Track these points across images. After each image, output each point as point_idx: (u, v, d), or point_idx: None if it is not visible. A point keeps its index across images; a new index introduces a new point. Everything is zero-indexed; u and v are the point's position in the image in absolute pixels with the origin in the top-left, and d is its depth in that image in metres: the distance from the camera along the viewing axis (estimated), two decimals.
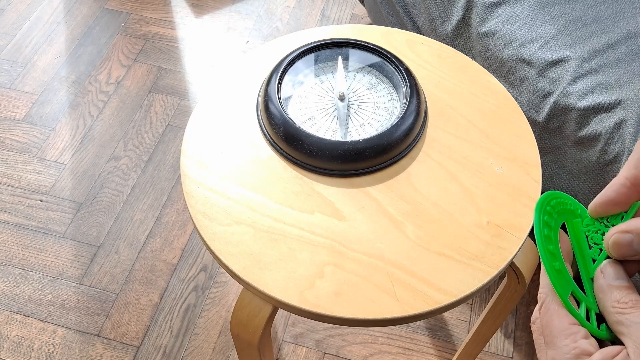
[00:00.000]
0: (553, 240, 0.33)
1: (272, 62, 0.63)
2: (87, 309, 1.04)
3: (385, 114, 0.58)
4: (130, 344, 1.01)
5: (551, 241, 0.32)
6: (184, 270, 1.09)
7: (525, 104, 0.83)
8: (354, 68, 0.62)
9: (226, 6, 1.56)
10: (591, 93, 0.76)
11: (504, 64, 0.86)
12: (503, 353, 1.01)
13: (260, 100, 0.58)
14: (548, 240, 0.32)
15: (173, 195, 1.19)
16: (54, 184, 1.20)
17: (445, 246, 0.50)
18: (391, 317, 0.47)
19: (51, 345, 1.00)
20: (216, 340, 1.01)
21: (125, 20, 1.51)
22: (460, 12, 0.94)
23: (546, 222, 0.33)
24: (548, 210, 0.33)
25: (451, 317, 1.04)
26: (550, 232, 0.33)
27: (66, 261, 1.10)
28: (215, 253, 0.50)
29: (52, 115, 1.31)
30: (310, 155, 0.54)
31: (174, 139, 1.28)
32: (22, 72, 1.40)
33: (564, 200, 0.34)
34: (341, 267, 0.49)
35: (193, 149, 0.56)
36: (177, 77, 1.39)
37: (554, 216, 0.33)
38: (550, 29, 0.83)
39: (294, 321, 1.03)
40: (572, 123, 0.78)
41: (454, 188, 0.53)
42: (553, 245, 0.32)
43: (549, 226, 0.33)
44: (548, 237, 0.32)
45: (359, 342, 1.01)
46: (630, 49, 0.79)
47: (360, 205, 0.52)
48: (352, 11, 1.54)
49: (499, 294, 0.64)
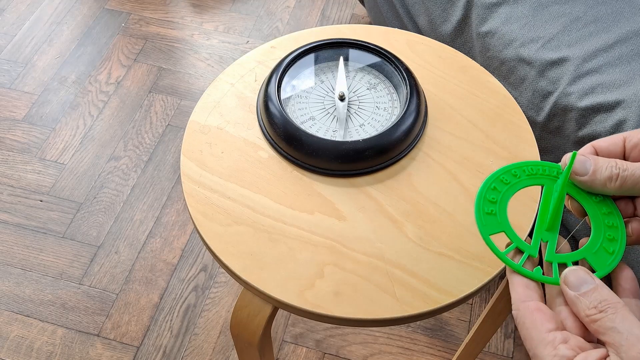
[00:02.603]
0: (498, 210, 0.38)
1: (272, 62, 0.63)
2: (87, 309, 1.04)
3: (385, 114, 0.58)
4: (130, 344, 1.01)
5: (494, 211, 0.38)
6: (184, 270, 1.09)
7: (525, 104, 0.83)
8: (354, 68, 0.62)
9: (226, 6, 1.56)
10: (591, 93, 0.76)
11: (504, 64, 0.86)
12: (503, 353, 1.01)
13: (260, 100, 0.58)
14: (488, 206, 0.38)
15: (173, 195, 1.19)
16: (54, 184, 1.20)
17: (445, 246, 0.50)
18: (391, 317, 0.47)
19: (51, 345, 1.00)
20: (216, 340, 1.01)
21: (125, 20, 1.51)
22: (460, 12, 0.94)
23: (490, 200, 0.38)
24: (494, 186, 0.38)
25: (451, 317, 1.04)
26: (495, 206, 0.38)
27: (66, 261, 1.10)
28: (215, 253, 0.50)
29: (52, 115, 1.31)
30: (310, 156, 0.54)
31: (174, 139, 1.28)
32: (22, 72, 1.40)
33: (535, 167, 0.39)
34: (341, 267, 0.49)
35: (193, 149, 0.56)
36: (177, 77, 1.39)
37: (503, 188, 0.38)
38: (550, 29, 0.83)
39: (294, 321, 1.03)
40: (572, 123, 0.78)
41: (454, 188, 0.53)
42: (496, 209, 0.38)
43: (493, 202, 0.38)
44: (491, 207, 0.38)
45: (359, 342, 1.01)
46: (630, 49, 0.79)
47: (360, 205, 0.52)
48: (352, 11, 1.54)
49: (499, 294, 0.64)
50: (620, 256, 0.35)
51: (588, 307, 0.31)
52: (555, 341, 0.30)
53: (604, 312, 0.30)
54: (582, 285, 0.32)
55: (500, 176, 0.38)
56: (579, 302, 0.31)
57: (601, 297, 0.31)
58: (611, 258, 0.35)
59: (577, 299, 0.31)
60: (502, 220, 0.37)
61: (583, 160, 0.36)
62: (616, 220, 0.36)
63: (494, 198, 0.38)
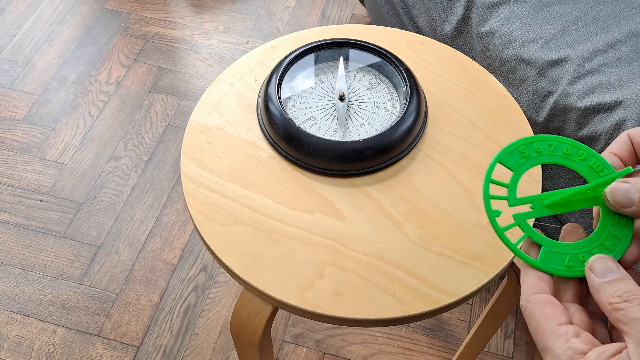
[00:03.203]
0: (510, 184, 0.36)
1: (272, 62, 0.63)
2: (87, 309, 1.04)
3: (385, 114, 0.58)
4: (130, 344, 1.01)
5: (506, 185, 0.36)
6: (184, 270, 1.09)
7: (526, 104, 0.83)
8: (354, 68, 0.62)
9: (226, 6, 1.56)
10: (591, 93, 0.76)
11: (504, 64, 0.86)
12: (503, 353, 1.01)
13: (260, 100, 0.58)
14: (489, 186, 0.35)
15: (173, 195, 1.19)
16: (54, 184, 1.20)
17: (445, 246, 0.50)
18: (391, 317, 0.47)
19: (51, 345, 1.00)
20: (216, 340, 1.01)
21: (125, 20, 1.51)
22: (460, 12, 0.94)
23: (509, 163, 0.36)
24: (521, 150, 0.37)
25: (451, 317, 1.04)
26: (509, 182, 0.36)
27: (66, 261, 1.10)
28: (215, 253, 0.50)
29: (52, 115, 1.31)
30: (310, 156, 0.54)
31: (174, 139, 1.28)
32: (22, 72, 1.40)
33: (554, 142, 0.37)
34: (341, 267, 0.49)
35: (193, 149, 0.56)
36: (177, 77, 1.39)
37: (523, 159, 0.37)
38: (550, 29, 0.83)
39: (294, 321, 1.03)
40: (572, 123, 0.78)
41: (454, 188, 0.53)
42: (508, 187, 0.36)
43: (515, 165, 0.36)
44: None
45: (359, 342, 1.01)
46: (630, 49, 0.79)
47: (360, 205, 0.52)
48: (352, 11, 1.54)
49: (499, 294, 0.64)
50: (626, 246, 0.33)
51: (612, 295, 0.30)
52: (567, 334, 0.30)
53: (629, 302, 0.29)
54: (608, 273, 0.31)
55: (516, 148, 0.37)
56: (603, 289, 0.30)
57: (627, 288, 0.30)
58: (620, 244, 0.33)
59: (601, 286, 0.31)
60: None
61: (626, 190, 0.32)
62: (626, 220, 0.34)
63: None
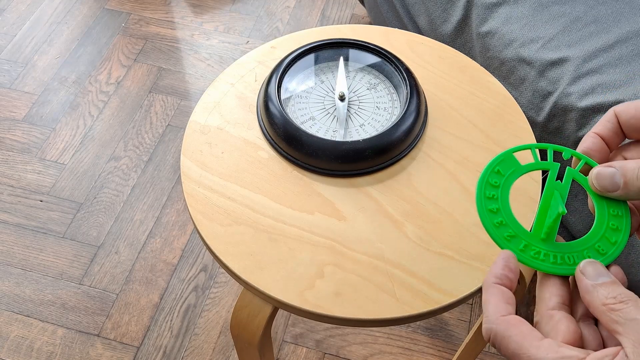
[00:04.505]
0: (499, 196, 0.36)
1: (272, 62, 0.63)
2: (87, 309, 1.04)
3: (385, 114, 0.58)
4: (130, 344, 1.01)
5: (496, 200, 0.36)
6: (184, 270, 1.09)
7: (526, 104, 0.83)
8: (354, 68, 0.62)
9: (226, 6, 1.56)
10: (591, 93, 0.76)
11: (504, 64, 0.86)
12: None
13: (260, 100, 0.58)
14: (491, 194, 0.36)
15: (173, 195, 1.19)
16: (54, 184, 1.20)
17: (445, 246, 0.50)
18: (391, 317, 0.47)
19: (51, 346, 1.00)
20: (216, 340, 1.01)
21: (125, 20, 1.51)
22: (460, 12, 0.94)
23: (492, 183, 0.36)
24: (497, 170, 0.36)
25: (451, 317, 1.04)
26: (497, 190, 0.36)
27: (66, 261, 1.10)
28: (215, 253, 0.50)
29: (52, 115, 1.31)
30: (310, 156, 0.54)
31: (174, 139, 1.28)
32: (22, 72, 1.40)
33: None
34: (341, 267, 0.49)
35: (193, 149, 0.56)
36: (177, 77, 1.39)
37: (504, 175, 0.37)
38: (550, 29, 0.83)
39: (294, 321, 1.03)
40: (572, 123, 0.78)
41: (454, 188, 0.54)
42: (497, 195, 0.36)
43: (495, 186, 0.36)
44: (492, 195, 0.36)
45: (359, 342, 1.01)
46: (630, 49, 0.79)
47: (360, 205, 0.52)
48: (352, 11, 1.54)
49: None
50: (623, 246, 0.34)
51: (606, 296, 0.30)
52: (553, 345, 0.29)
53: (624, 302, 0.29)
54: (599, 277, 0.31)
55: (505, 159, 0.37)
56: (595, 291, 0.31)
57: (620, 290, 0.30)
58: (613, 248, 0.34)
59: (593, 288, 0.31)
60: (504, 208, 0.36)
61: (611, 174, 0.33)
62: (622, 209, 0.34)
63: (496, 182, 0.36)
